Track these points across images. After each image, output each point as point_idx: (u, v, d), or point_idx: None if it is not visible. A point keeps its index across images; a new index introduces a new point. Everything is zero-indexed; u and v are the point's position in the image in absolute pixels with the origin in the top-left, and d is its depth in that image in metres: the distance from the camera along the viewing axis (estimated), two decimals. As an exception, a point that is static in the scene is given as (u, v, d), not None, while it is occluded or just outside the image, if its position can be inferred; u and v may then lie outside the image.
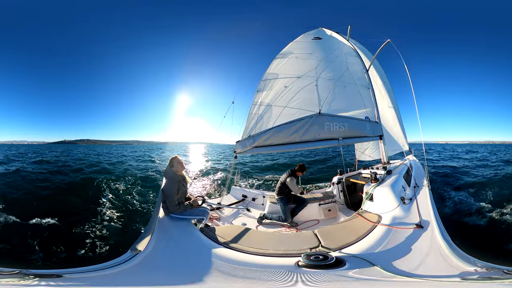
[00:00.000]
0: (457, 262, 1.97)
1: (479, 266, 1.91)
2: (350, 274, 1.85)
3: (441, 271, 1.90)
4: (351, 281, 1.77)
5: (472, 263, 1.95)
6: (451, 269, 1.91)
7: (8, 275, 1.76)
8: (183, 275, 1.92)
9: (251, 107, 5.06)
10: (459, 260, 1.98)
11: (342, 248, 2.38)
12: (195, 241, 2.51)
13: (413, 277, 1.80)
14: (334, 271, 1.87)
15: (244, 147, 4.37)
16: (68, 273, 1.83)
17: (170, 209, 2.96)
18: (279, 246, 2.52)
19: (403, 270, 1.91)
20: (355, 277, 1.81)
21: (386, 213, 3.06)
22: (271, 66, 5.70)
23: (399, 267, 1.95)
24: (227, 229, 3.17)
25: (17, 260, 4.07)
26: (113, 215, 6.34)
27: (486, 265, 1.95)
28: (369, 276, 1.82)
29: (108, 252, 4.56)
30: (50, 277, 1.80)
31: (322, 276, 1.81)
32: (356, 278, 1.80)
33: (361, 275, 1.83)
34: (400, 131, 7.71)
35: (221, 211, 4.72)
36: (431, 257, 2.09)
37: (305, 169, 4.61)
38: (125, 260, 2.00)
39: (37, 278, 1.73)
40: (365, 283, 1.77)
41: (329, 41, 6.89)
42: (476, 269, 1.88)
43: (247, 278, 1.88)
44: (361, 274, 1.85)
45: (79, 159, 20.68)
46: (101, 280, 1.80)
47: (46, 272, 1.88)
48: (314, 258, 2.01)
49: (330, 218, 4.54)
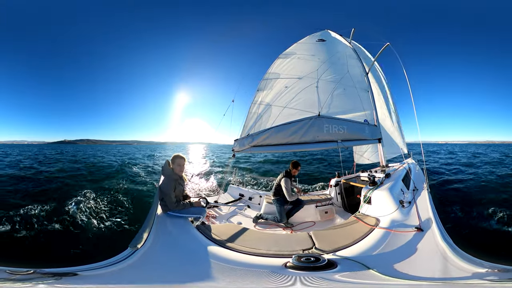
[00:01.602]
0: (461, 264, 1.92)
1: (486, 267, 1.87)
2: (337, 276, 1.81)
3: (444, 273, 1.86)
4: (337, 283, 1.73)
5: (479, 264, 1.90)
6: (455, 270, 1.87)
7: (24, 275, 1.77)
8: (178, 273, 1.92)
9: (250, 106, 5.04)
10: (463, 261, 1.94)
11: (337, 251, 2.35)
12: (191, 239, 2.51)
13: (412, 280, 1.76)
14: (322, 273, 1.84)
15: (242, 145, 4.34)
16: (80, 271, 1.85)
17: (169, 206, 2.95)
18: (272, 247, 2.50)
19: (402, 273, 1.86)
20: (342, 279, 1.77)
21: (385, 216, 3.04)
22: (273, 65, 5.69)
23: (399, 270, 1.91)
24: (223, 227, 3.15)
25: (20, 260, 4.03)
26: (111, 212, 6.28)
27: (495, 267, 1.90)
28: (360, 279, 1.78)
29: (106, 249, 4.50)
30: (66, 275, 1.81)
31: (308, 278, 1.77)
32: (343, 281, 1.76)
33: (350, 278, 1.79)
34: (399, 134, 7.72)
35: (218, 209, 4.70)
36: (432, 259, 2.05)
37: (299, 165, 4.59)
38: (125, 257, 2.01)
39: (54, 277, 1.75)
40: (354, 286, 1.73)
41: (332, 43, 6.90)
42: (484, 270, 1.84)
43: (234, 276, 1.87)
44: (351, 277, 1.81)
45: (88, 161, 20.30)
46: (106, 278, 1.81)
47: (61, 270, 1.88)
48: (305, 259, 1.98)
49: (326, 220, 4.51)
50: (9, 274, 1.75)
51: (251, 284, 1.79)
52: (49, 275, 1.80)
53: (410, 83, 4.94)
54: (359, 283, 1.75)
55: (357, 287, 1.73)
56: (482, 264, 1.92)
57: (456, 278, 1.78)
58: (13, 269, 1.82)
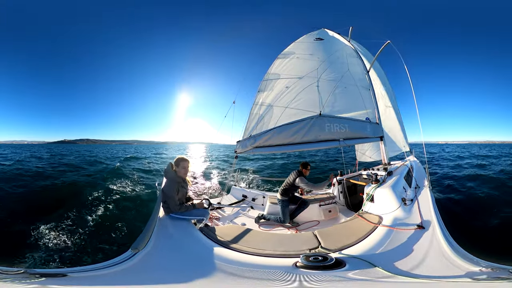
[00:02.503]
0: (460, 262, 1.95)
1: (484, 266, 1.89)
2: (350, 275, 1.83)
3: (444, 272, 1.88)
4: (351, 282, 1.75)
5: (476, 263, 1.93)
6: (454, 269, 1.90)
7: (14, 274, 1.74)
8: (181, 275, 1.91)
9: (252, 107, 5.06)
10: (462, 260, 1.97)
11: (342, 249, 2.37)
12: (194, 241, 2.50)
13: (416, 278, 1.78)
14: (334, 272, 1.86)
15: (245, 147, 4.37)
16: (72, 272, 1.82)
17: (172, 209, 2.94)
18: (277, 247, 2.50)
19: (405, 271, 1.89)
20: (355, 278, 1.79)
21: (387, 214, 3.05)
22: (272, 66, 5.71)
23: (401, 268, 1.94)
24: (227, 229, 3.16)
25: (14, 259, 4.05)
26: (113, 213, 6.32)
27: (491, 265, 1.92)
28: (370, 277, 1.80)
29: (108, 251, 4.53)
30: (55, 276, 1.79)
31: (321, 276, 1.79)
32: (356, 279, 1.79)
33: (361, 276, 1.82)
34: (401, 132, 7.71)
35: (221, 211, 4.72)
36: (433, 257, 2.07)
37: (309, 165, 4.61)
38: (125, 259, 2.00)
39: (43, 278, 1.72)
40: (366, 284, 1.75)
41: (331, 42, 6.90)
42: (481, 269, 1.86)
43: (243, 278, 1.87)
44: (362, 275, 1.84)
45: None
46: (105, 279, 1.79)
47: (51, 271, 1.86)
48: (313, 259, 1.99)
49: (330, 219, 4.53)
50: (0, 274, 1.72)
51: (272, 283, 1.77)
52: (39, 275, 1.76)
53: (411, 82, 4.94)
54: (369, 280, 1.77)
55: (368, 284, 1.76)
56: (481, 263, 1.93)
57: (456, 276, 1.80)
58: (2, 268, 1.80)
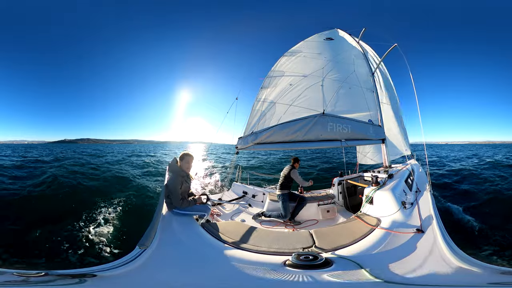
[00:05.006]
0: (460, 265, 1.92)
1: (485, 269, 1.86)
2: (326, 275, 1.82)
3: (441, 275, 1.85)
4: (328, 283, 1.75)
5: (478, 265, 1.89)
6: (452, 271, 1.87)
7: (36, 277, 1.74)
8: (187, 273, 1.94)
9: (254, 103, 5.04)
10: (462, 263, 1.93)
11: (336, 250, 2.36)
12: (197, 237, 2.54)
13: (402, 284, 1.75)
14: (317, 272, 1.86)
15: (246, 143, 4.36)
16: (98, 271, 1.85)
17: (174, 203, 2.97)
18: (273, 244, 2.51)
19: (396, 274, 1.87)
20: (330, 280, 1.78)
21: (386, 217, 3.03)
22: (278, 63, 5.68)
23: (394, 270, 1.92)
24: (227, 225, 3.18)
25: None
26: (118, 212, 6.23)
27: (495, 269, 1.89)
28: (349, 279, 1.79)
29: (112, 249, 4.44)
30: (76, 277, 1.79)
31: (302, 276, 1.80)
32: (332, 281, 1.78)
33: (340, 278, 1.81)
34: (402, 136, 7.66)
35: (222, 207, 4.73)
36: (430, 260, 2.04)
37: (299, 161, 4.72)
38: (135, 257, 2.02)
39: (72, 278, 1.73)
40: (343, 285, 1.74)
41: (340, 42, 6.87)
42: (483, 272, 1.83)
43: (232, 274, 1.91)
44: (340, 276, 1.83)
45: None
46: (122, 279, 1.81)
47: (71, 272, 1.88)
48: (304, 258, 2.00)
49: (328, 219, 4.52)
50: (18, 277, 1.70)
51: (250, 281, 1.81)
52: (64, 276, 1.76)
53: (415, 83, 4.89)
54: (345, 283, 1.76)
55: (341, 286, 1.75)
56: (481, 266, 1.90)
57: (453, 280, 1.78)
58: (21, 271, 1.78)
